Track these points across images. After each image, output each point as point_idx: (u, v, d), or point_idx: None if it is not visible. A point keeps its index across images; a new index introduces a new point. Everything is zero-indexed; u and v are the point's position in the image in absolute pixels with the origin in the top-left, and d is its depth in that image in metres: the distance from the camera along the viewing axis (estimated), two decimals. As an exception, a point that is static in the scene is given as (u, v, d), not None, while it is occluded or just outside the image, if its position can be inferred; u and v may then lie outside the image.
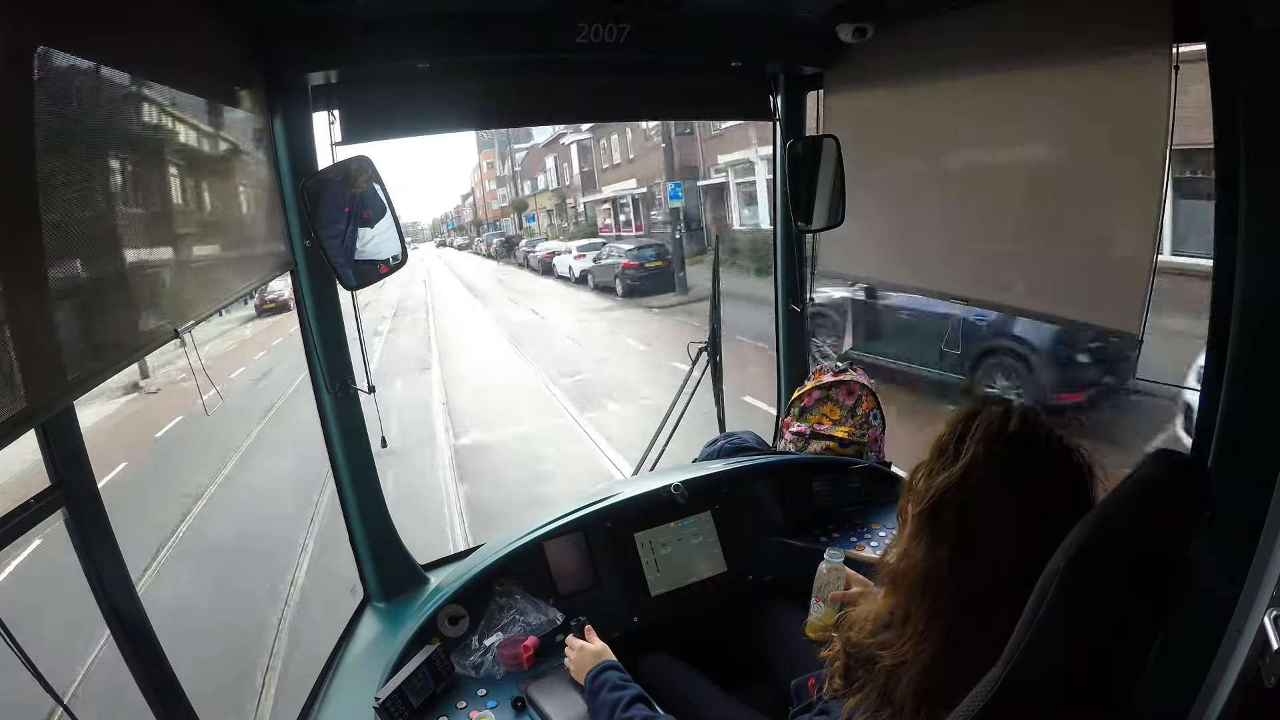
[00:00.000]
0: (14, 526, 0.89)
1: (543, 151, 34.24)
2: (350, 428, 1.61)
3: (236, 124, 1.30)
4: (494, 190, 42.19)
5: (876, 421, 2.05)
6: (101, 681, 3.26)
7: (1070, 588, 0.63)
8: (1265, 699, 0.77)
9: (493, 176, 42.36)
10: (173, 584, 4.50)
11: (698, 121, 16.95)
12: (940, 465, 0.85)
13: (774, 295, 2.24)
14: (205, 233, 1.20)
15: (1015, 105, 1.55)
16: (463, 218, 54.07)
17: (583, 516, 1.62)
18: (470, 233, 48.45)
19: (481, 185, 45.42)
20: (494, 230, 39.88)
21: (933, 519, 0.84)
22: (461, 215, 54.33)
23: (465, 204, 54.06)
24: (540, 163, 34.93)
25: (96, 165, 0.87)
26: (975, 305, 1.82)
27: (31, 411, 0.70)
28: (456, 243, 47.80)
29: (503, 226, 39.10)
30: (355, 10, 1.34)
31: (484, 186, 44.28)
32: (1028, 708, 0.65)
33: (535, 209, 34.72)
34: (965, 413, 0.88)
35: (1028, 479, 0.81)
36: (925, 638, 0.82)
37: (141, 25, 0.95)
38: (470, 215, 50.20)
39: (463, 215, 54.21)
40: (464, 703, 1.31)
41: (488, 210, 42.68)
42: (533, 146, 36.32)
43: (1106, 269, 1.40)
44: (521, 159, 37.80)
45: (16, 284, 0.69)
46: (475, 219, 47.43)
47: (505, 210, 39.45)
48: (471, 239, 45.52)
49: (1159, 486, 0.68)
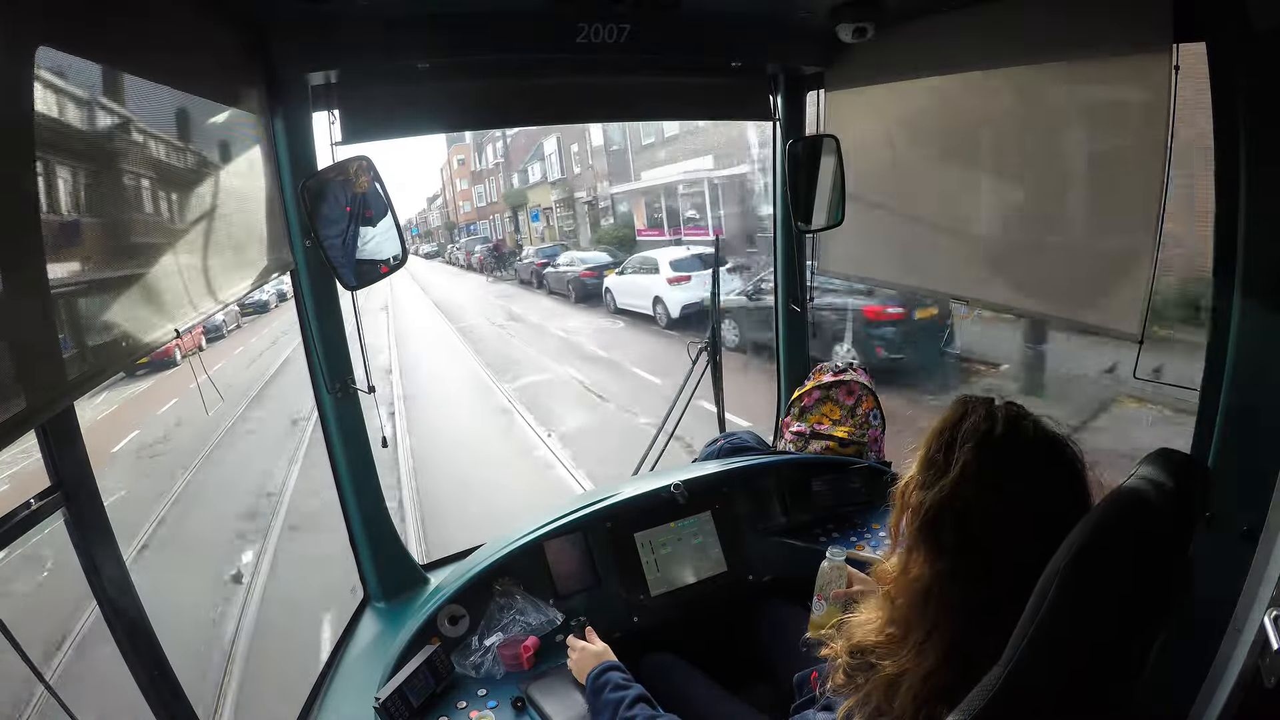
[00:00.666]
0: (14, 526, 0.89)
1: (537, 134, 25.02)
2: (350, 428, 1.61)
3: (237, 124, 1.30)
4: (466, 189, 35.85)
5: (876, 421, 2.05)
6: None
7: (1072, 587, 0.64)
8: (1265, 699, 0.77)
9: (465, 174, 35.55)
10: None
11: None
12: (931, 478, 0.84)
13: (774, 295, 2.25)
14: (205, 232, 1.19)
15: (1015, 105, 1.55)
16: (430, 223, 48.08)
17: (583, 516, 1.61)
18: (440, 238, 42.59)
19: (452, 184, 38.38)
20: (471, 235, 33.54)
21: (929, 533, 0.83)
22: (429, 220, 48.45)
23: (432, 207, 48.08)
24: (534, 147, 25.91)
25: (96, 165, 0.87)
26: (975, 305, 1.81)
27: (31, 411, 0.70)
28: (423, 250, 41.24)
29: (478, 230, 33.59)
30: (355, 10, 1.34)
31: (454, 186, 37.84)
32: (1029, 706, 0.66)
33: (532, 206, 26.09)
34: (949, 420, 0.87)
35: (1021, 482, 0.81)
36: (926, 648, 0.82)
37: (141, 25, 0.95)
38: (439, 220, 44.32)
39: (430, 220, 48.27)
40: (464, 703, 1.32)
41: (459, 213, 37.69)
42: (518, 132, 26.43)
43: (1106, 269, 1.39)
44: (506, 145, 28.84)
45: (16, 284, 0.69)
46: (446, 223, 41.56)
47: (485, 211, 33.43)
48: (441, 246, 39.72)
49: (1159, 486, 0.68)
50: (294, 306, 1.59)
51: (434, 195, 47.65)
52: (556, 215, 24.19)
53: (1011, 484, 0.81)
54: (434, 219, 46.89)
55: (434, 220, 46.73)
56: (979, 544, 0.80)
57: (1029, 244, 1.59)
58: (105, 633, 1.12)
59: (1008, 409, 0.85)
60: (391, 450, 6.22)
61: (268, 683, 3.47)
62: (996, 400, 0.87)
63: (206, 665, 3.65)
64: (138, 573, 1.10)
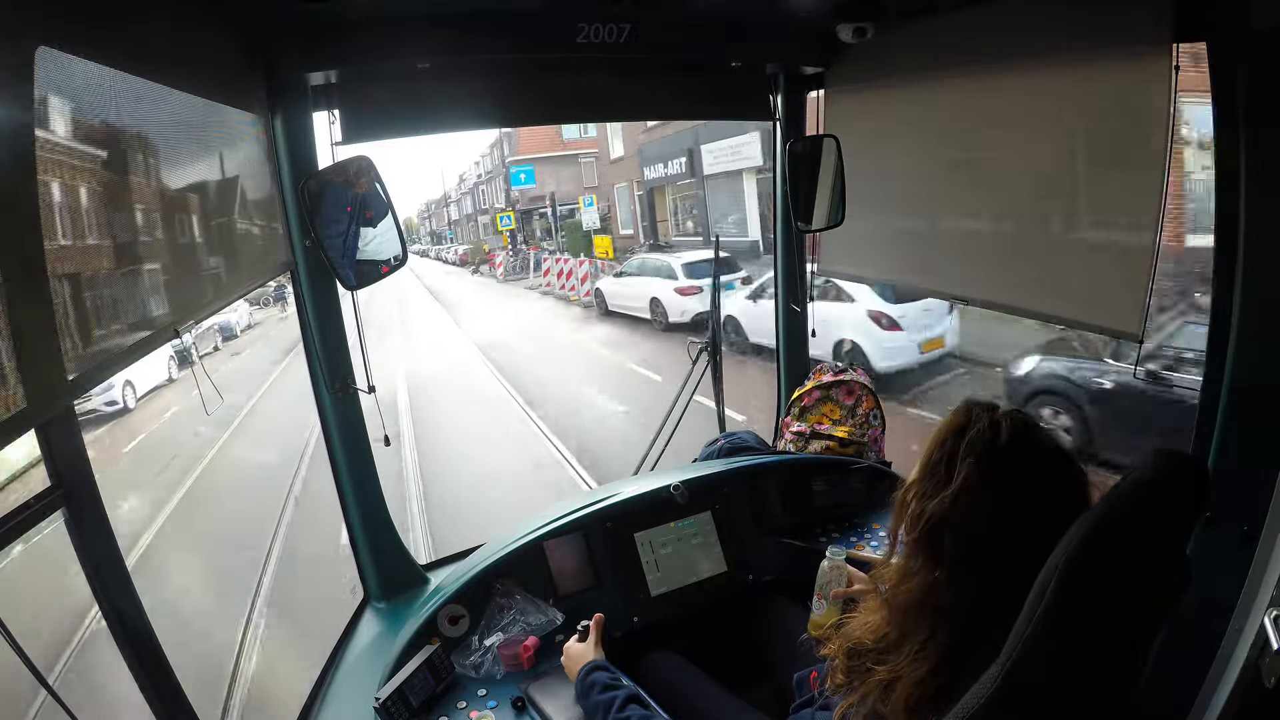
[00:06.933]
0: (14, 526, 0.89)
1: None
2: (350, 428, 1.61)
3: (237, 124, 1.30)
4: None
5: (876, 421, 2.05)
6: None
7: (1069, 585, 0.64)
8: (1265, 699, 0.77)
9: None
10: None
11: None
12: (933, 486, 0.84)
13: (774, 295, 2.25)
14: (205, 232, 1.20)
15: (1015, 105, 1.55)
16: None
17: (583, 516, 1.61)
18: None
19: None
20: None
21: (930, 542, 0.83)
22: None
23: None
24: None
25: (96, 165, 0.87)
26: (975, 305, 1.81)
27: (31, 411, 0.70)
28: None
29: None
30: (355, 10, 1.34)
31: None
32: (1027, 704, 0.65)
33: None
34: (953, 427, 0.86)
35: (1023, 495, 0.80)
36: (921, 656, 0.82)
37: (141, 25, 0.95)
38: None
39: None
40: (464, 703, 1.31)
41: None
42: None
43: (1106, 269, 1.39)
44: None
45: (16, 284, 0.69)
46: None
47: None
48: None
49: (1158, 486, 0.68)
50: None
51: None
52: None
53: (1013, 498, 0.80)
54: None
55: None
56: (978, 555, 0.80)
57: (1029, 244, 1.59)
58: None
59: (1013, 418, 0.84)
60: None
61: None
62: (1001, 408, 0.86)
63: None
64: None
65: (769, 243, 6.17)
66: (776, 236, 2.20)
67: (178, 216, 1.10)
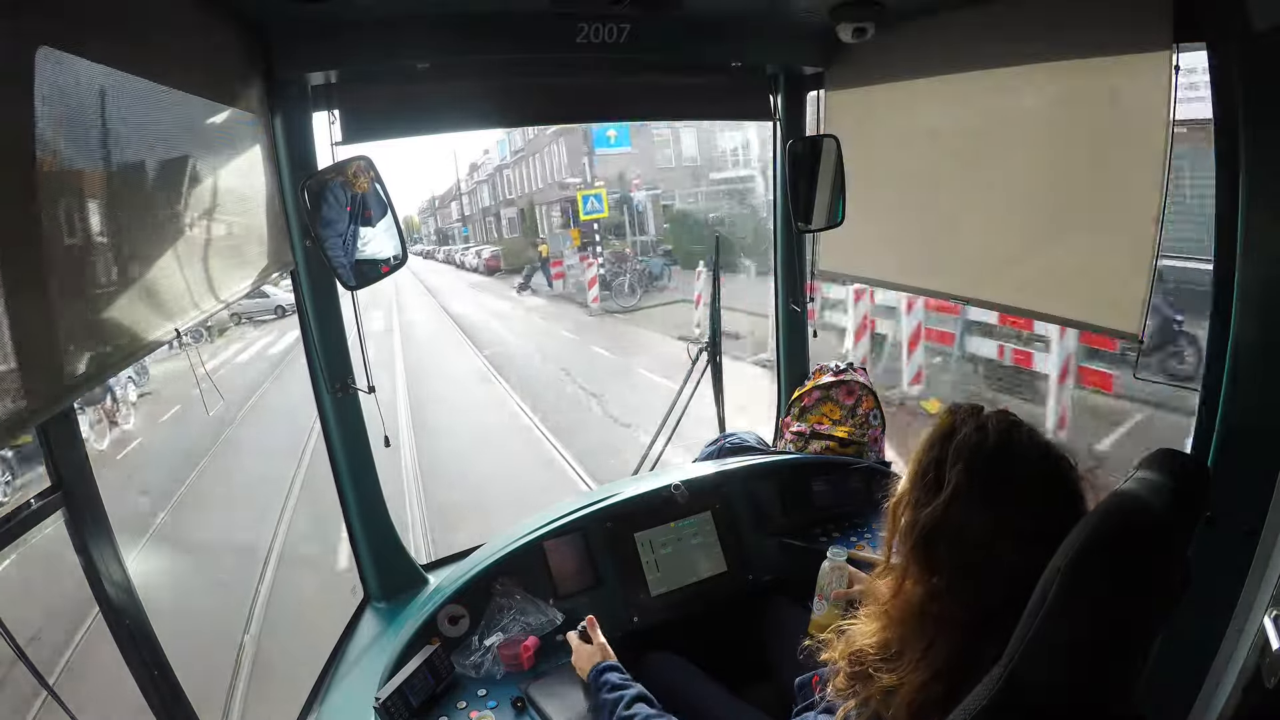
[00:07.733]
0: (14, 526, 0.89)
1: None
2: (350, 428, 1.61)
3: (237, 124, 1.30)
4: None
5: (876, 421, 2.05)
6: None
7: (1071, 586, 0.63)
8: (1265, 699, 0.77)
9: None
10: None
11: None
12: (924, 495, 0.83)
13: (774, 295, 2.25)
14: (205, 233, 1.20)
15: (1015, 105, 1.55)
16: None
17: (583, 516, 1.61)
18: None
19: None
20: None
21: (924, 551, 0.82)
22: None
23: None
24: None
25: (96, 165, 0.87)
26: (975, 305, 1.81)
27: (31, 411, 0.70)
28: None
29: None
30: (355, 10, 1.34)
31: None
32: (1028, 705, 0.65)
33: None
34: (939, 433, 0.85)
35: (1015, 497, 0.79)
36: (921, 664, 0.81)
37: (141, 25, 0.95)
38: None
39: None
40: (464, 703, 1.31)
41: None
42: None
43: (1106, 269, 1.40)
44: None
45: (16, 284, 0.69)
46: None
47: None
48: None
49: (1159, 486, 0.68)
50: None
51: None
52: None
53: (1005, 500, 0.79)
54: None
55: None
56: (973, 561, 0.79)
57: (1029, 244, 1.59)
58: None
59: (999, 419, 0.83)
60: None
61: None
62: (986, 409, 0.85)
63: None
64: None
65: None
66: (776, 236, 2.20)
67: (178, 216, 1.09)
